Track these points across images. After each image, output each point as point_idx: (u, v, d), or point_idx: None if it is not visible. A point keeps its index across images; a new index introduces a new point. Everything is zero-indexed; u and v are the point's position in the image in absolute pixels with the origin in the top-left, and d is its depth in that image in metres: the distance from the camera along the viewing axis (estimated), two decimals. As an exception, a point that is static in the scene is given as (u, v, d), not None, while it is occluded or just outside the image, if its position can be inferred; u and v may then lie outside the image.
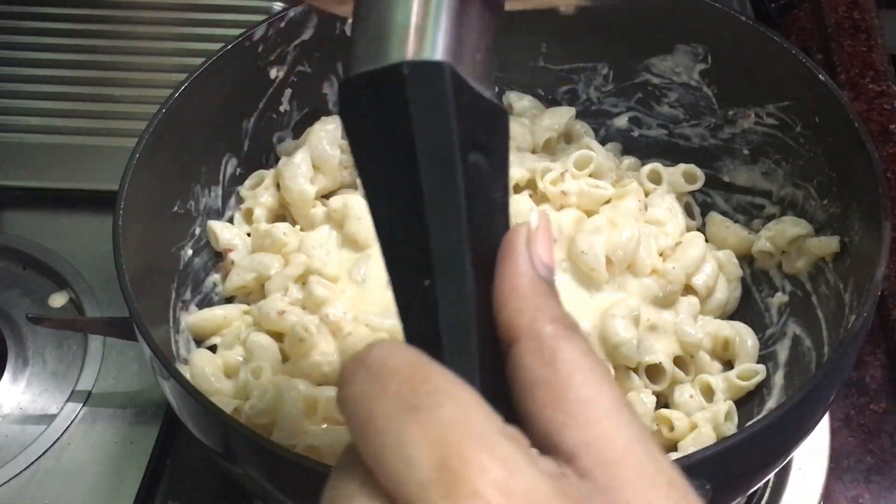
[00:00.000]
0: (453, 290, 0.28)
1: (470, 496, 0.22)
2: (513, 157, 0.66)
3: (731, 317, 0.63)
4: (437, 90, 0.29)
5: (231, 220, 0.66)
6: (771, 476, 0.60)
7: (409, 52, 0.30)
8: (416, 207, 0.28)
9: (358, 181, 0.31)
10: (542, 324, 0.28)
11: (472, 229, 0.29)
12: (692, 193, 0.67)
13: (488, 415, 0.25)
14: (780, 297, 0.62)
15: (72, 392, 0.65)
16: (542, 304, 0.28)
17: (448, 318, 0.28)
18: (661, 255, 0.61)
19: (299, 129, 0.68)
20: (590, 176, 0.64)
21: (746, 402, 0.58)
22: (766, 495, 0.61)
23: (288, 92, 0.67)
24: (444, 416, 0.24)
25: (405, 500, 0.23)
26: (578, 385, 0.27)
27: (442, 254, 0.28)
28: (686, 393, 0.58)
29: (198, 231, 0.64)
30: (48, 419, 0.63)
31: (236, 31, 0.64)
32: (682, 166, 0.66)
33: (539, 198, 0.64)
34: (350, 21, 0.71)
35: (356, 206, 0.63)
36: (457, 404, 0.24)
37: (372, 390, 0.25)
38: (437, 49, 0.30)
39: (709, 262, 0.62)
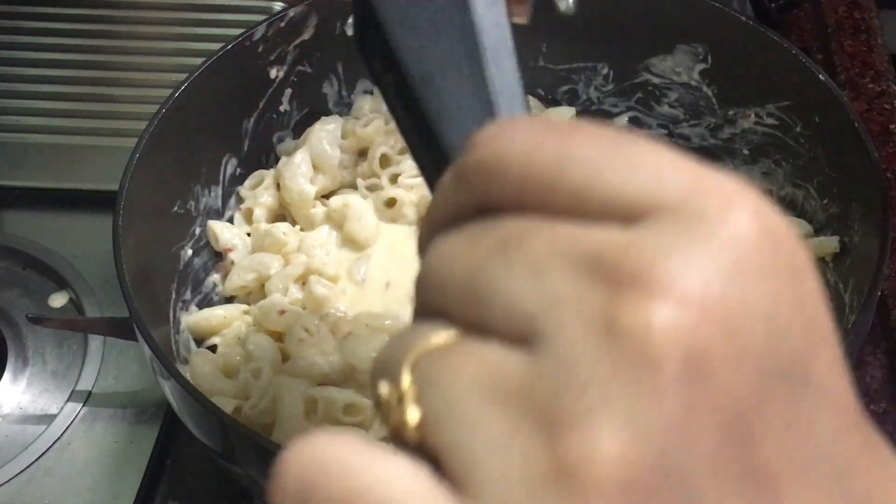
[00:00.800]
0: None
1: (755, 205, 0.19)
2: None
3: (732, 317, 0.63)
4: None
5: (231, 220, 0.66)
6: (771, 476, 0.60)
7: None
8: (478, 72, 0.30)
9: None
10: None
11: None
12: (692, 193, 0.67)
13: None
14: (780, 297, 0.62)
15: (72, 392, 0.64)
16: None
17: None
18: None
19: (299, 129, 0.68)
20: (590, 176, 0.64)
21: (746, 402, 0.58)
22: (766, 495, 0.61)
23: (288, 92, 0.67)
24: (665, 152, 0.20)
25: (675, 211, 0.19)
26: None
27: (505, 103, 0.30)
28: (686, 393, 0.58)
29: (198, 231, 0.64)
30: (48, 419, 0.63)
31: (236, 31, 0.64)
32: (682, 166, 0.66)
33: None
34: (350, 21, 0.71)
35: (356, 206, 0.63)
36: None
37: (551, 140, 0.20)
38: None
39: (709, 262, 0.62)
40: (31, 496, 0.60)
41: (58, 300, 0.70)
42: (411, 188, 0.65)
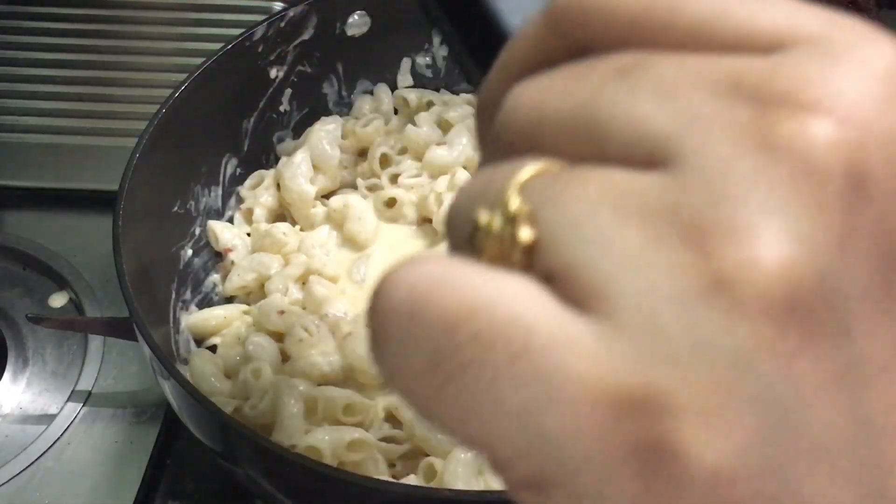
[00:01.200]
0: None
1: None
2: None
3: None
4: None
5: (231, 220, 0.66)
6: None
7: None
8: None
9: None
10: None
11: None
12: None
13: None
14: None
15: (72, 392, 0.64)
16: None
17: None
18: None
19: (299, 129, 0.68)
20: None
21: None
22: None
23: (288, 92, 0.67)
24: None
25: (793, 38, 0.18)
26: None
27: None
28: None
29: (198, 231, 0.64)
30: (48, 419, 0.63)
31: (236, 31, 0.64)
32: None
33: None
34: (350, 21, 0.71)
35: (356, 206, 0.63)
36: None
37: None
38: None
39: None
40: (31, 496, 0.60)
41: (58, 300, 0.70)
42: (411, 188, 0.65)
